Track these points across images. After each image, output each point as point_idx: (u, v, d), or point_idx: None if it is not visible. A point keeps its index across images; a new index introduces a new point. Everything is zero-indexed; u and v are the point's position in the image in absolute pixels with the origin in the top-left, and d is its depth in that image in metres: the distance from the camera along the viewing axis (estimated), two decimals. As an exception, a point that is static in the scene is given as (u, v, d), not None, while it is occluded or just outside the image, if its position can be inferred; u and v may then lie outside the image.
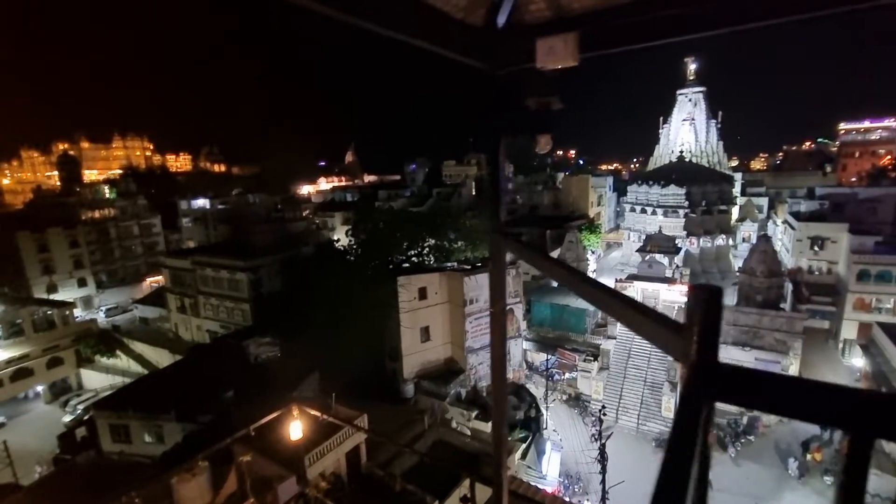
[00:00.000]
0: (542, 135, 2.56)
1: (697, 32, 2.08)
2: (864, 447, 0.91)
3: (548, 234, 44.89)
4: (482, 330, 29.00)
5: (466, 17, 2.52)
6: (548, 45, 2.30)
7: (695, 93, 53.23)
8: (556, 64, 2.34)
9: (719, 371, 1.12)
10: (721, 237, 45.46)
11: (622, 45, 2.33)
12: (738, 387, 1.10)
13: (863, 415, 0.93)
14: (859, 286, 35.14)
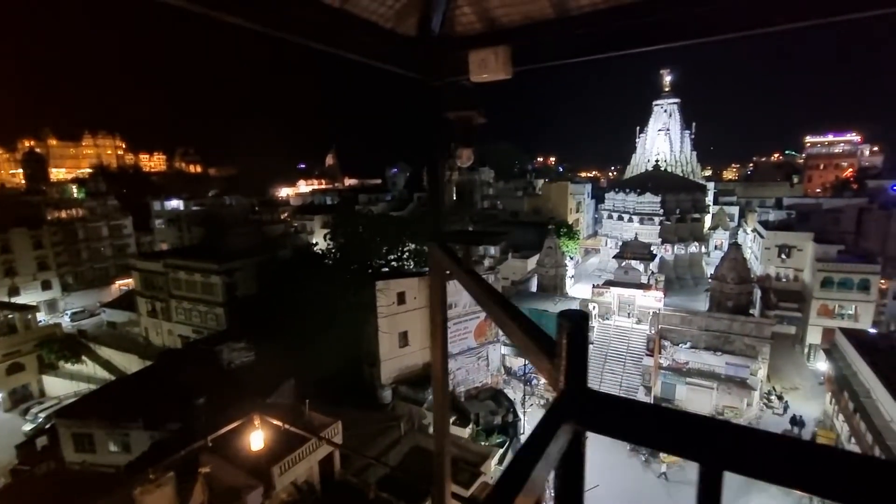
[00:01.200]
0: (464, 148, 2.57)
1: (626, 49, 2.14)
2: (715, 478, 0.94)
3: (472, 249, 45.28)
4: (461, 334, 29.03)
5: (397, 27, 2.53)
6: (480, 57, 2.33)
7: (670, 104, 54.74)
8: (489, 77, 2.36)
9: (586, 399, 1.14)
10: (694, 244, 46.69)
11: (553, 59, 2.38)
12: (604, 415, 1.12)
13: (713, 447, 0.96)
14: (823, 293, 36.55)
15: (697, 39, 1.97)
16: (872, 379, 24.54)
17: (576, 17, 2.14)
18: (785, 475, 0.89)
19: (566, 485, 1.11)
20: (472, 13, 2.45)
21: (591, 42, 2.22)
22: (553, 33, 2.27)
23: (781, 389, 32.67)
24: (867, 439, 22.67)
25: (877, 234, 44.38)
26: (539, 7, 2.21)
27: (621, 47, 2.13)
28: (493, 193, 69.73)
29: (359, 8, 2.36)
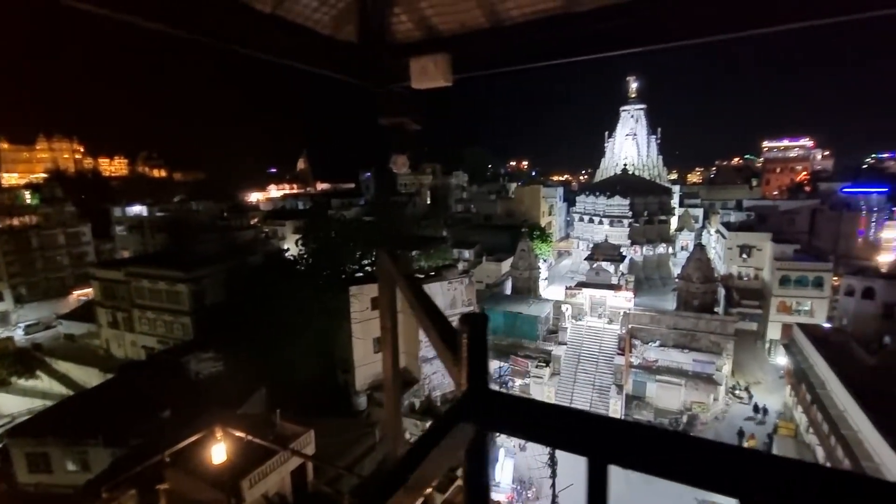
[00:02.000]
0: (399, 154, 2.59)
1: (558, 58, 2.22)
2: (601, 471, 1.00)
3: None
4: (436, 339, 28.98)
5: (336, 34, 2.54)
6: (420, 65, 2.36)
7: (636, 110, 56.43)
8: (430, 84, 2.40)
9: (486, 398, 1.17)
10: (662, 246, 48.15)
11: (491, 67, 2.45)
12: (501, 414, 1.17)
13: (598, 442, 1.02)
14: (781, 290, 38.29)
15: (624, 50, 2.07)
16: (827, 371, 25.84)
17: (509, 28, 2.22)
18: (664, 468, 0.95)
19: (470, 481, 1.15)
20: (409, 21, 2.48)
21: (525, 51, 2.30)
22: (489, 42, 2.34)
23: (745, 384, 33.98)
24: (824, 428, 23.82)
25: (828, 234, 46.92)
26: (473, 16, 2.28)
27: (553, 56, 2.22)
28: (467, 197, 70.13)
29: (292, 13, 2.35)
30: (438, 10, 2.38)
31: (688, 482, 0.96)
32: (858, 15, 1.85)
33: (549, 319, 36.22)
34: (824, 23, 1.82)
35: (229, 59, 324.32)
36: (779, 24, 1.71)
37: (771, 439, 27.45)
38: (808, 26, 1.82)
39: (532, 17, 2.15)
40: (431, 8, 2.37)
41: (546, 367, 33.00)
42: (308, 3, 2.37)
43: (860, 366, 25.98)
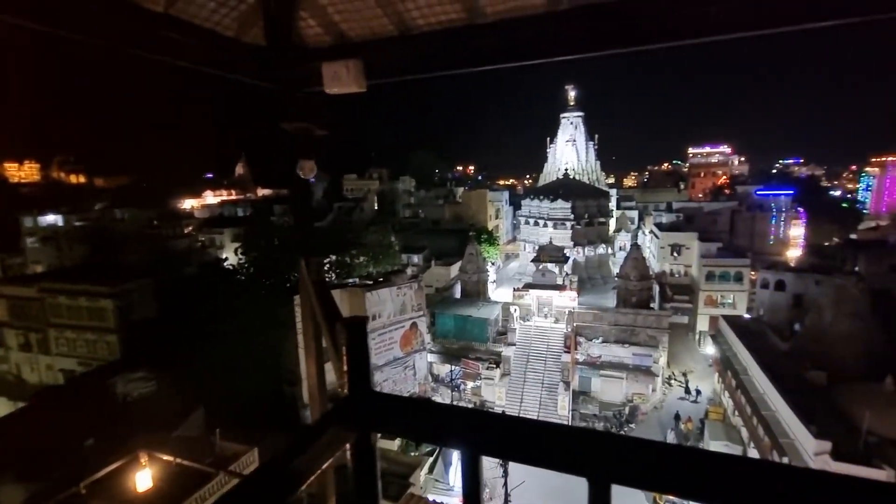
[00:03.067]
0: (305, 160, 2.56)
1: (471, 67, 2.33)
2: (474, 462, 1.09)
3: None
4: (387, 345, 28.58)
5: (242, 36, 2.49)
6: (333, 70, 2.37)
7: (575, 117, 59.08)
8: (343, 89, 2.41)
9: (369, 400, 1.21)
10: (602, 246, 50.57)
11: (403, 74, 2.51)
12: (381, 415, 1.21)
13: (469, 435, 1.09)
14: (708, 285, 41.47)
15: (525, 62, 2.19)
16: (748, 358, 28.23)
17: (417, 36, 2.28)
18: (530, 456, 1.03)
19: (358, 480, 1.18)
20: (318, 26, 2.47)
21: (433, 60, 2.39)
22: (399, 50, 2.39)
23: (680, 373, 36.40)
24: (747, 410, 25.97)
25: (745, 233, 51.47)
26: (382, 24, 2.32)
27: (460, 65, 2.31)
28: (414, 202, 70.06)
29: (187, 14, 2.24)
30: (346, 16, 2.38)
31: (542, 465, 1.04)
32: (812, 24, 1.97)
33: (498, 321, 36.89)
34: (749, 35, 1.97)
35: (156, 60, 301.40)
36: (638, 45, 1.86)
37: (703, 424, 29.53)
38: (707, 41, 1.97)
39: (437, 27, 2.21)
40: (339, 14, 2.37)
41: (496, 369, 33.56)
42: (204, 3, 2.27)
43: (775, 351, 28.66)
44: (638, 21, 1.72)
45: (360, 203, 65.10)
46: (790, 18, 1.74)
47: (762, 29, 1.83)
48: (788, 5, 1.73)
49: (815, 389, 23.74)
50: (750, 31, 1.82)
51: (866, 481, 0.94)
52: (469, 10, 2.06)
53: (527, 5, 1.95)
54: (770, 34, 1.79)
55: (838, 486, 0.95)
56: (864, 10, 1.76)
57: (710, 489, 0.96)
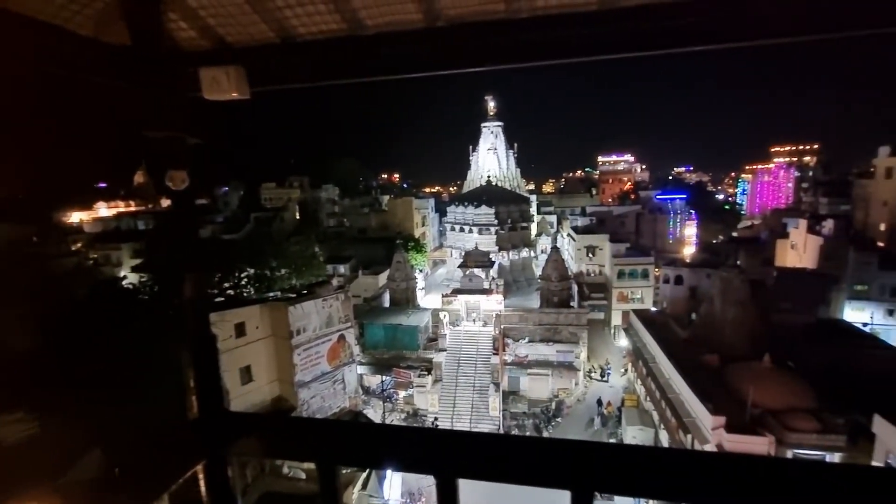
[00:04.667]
0: (176, 171, 2.41)
1: (355, 78, 2.35)
2: (330, 475, 1.06)
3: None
4: (313, 360, 27.38)
5: (102, 36, 2.27)
6: (211, 75, 2.23)
7: (495, 126, 61.34)
8: (223, 96, 2.29)
9: (220, 422, 1.16)
10: (525, 250, 52.81)
11: (290, 82, 2.47)
12: (235, 436, 1.17)
13: (325, 447, 1.09)
14: (619, 283, 44.95)
15: (410, 74, 2.25)
16: (655, 347, 30.93)
17: (300, 45, 2.23)
18: (373, 461, 1.04)
19: (211, 500, 1.11)
20: (190, 29, 2.30)
21: (318, 69, 2.31)
22: (282, 57, 2.32)
23: (599, 366, 38.95)
24: (656, 395, 28.40)
25: (649, 233, 56.67)
26: (261, 30, 2.23)
27: (344, 76, 2.31)
28: (339, 211, 68.27)
29: (25, 7, 1.95)
30: (221, 21, 2.23)
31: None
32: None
33: (428, 328, 36.94)
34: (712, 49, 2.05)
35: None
36: (572, 57, 1.97)
37: (620, 411, 31.81)
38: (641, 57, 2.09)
39: (320, 36, 2.17)
40: (213, 18, 2.21)
41: (428, 376, 33.51)
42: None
43: (677, 339, 31.73)
44: (520, 37, 1.81)
45: (279, 213, 61.98)
46: (696, 39, 1.86)
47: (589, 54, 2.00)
48: (692, 26, 1.82)
49: (710, 371, 26.60)
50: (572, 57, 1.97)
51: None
52: (350, 21, 2.04)
53: (405, 20, 1.98)
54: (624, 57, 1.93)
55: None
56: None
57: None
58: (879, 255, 39.86)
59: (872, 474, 1.05)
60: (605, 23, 1.61)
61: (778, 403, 22.64)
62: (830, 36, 1.64)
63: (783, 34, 1.58)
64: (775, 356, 25.82)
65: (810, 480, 0.99)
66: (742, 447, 20.72)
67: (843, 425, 21.75)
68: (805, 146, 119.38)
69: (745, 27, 1.56)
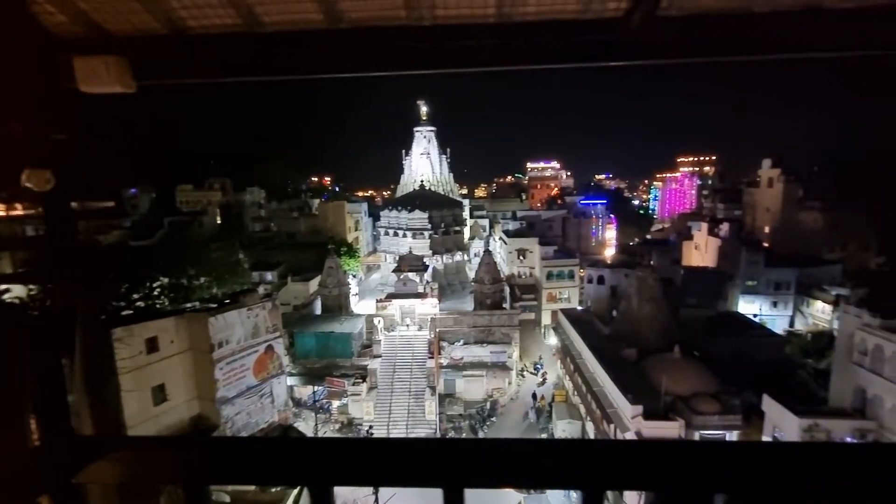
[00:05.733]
0: (35, 169, 2.19)
1: (251, 76, 2.27)
2: (198, 497, 1.03)
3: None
4: (238, 373, 25.70)
5: None
6: (89, 66, 2.04)
7: (428, 131, 61.81)
8: (104, 89, 2.10)
9: (66, 447, 1.02)
10: (458, 253, 53.61)
11: (181, 77, 2.32)
12: (86, 461, 1.05)
13: (196, 467, 1.02)
14: (548, 284, 47.04)
15: (307, 75, 2.19)
16: (581, 344, 32.71)
17: (192, 38, 2.08)
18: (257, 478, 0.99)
19: None
20: (60, 14, 2.07)
21: (212, 64, 2.17)
22: (171, 51, 2.15)
23: (531, 364, 40.43)
24: (583, 389, 30.03)
25: (574, 236, 59.94)
26: (144, 20, 2.05)
27: (240, 73, 2.20)
28: (265, 215, 64.93)
29: None
30: (95, 6, 2.00)
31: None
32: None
33: (362, 334, 36.19)
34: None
35: None
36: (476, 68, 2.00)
37: (551, 407, 33.23)
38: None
39: (213, 30, 2.03)
40: (85, 3, 1.98)
41: (363, 383, 32.80)
42: None
43: (600, 336, 33.81)
44: (421, 44, 1.81)
45: (198, 217, 57.64)
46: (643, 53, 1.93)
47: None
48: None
49: (629, 364, 28.64)
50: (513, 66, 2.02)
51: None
52: (245, 17, 1.91)
53: (306, 20, 1.91)
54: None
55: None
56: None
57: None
58: (765, 254, 45.35)
59: None
60: (503, 35, 1.65)
61: (686, 390, 24.90)
62: (708, 60, 1.82)
63: (663, 56, 1.72)
64: (683, 347, 28.41)
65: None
66: (657, 432, 22.49)
67: (739, 406, 24.40)
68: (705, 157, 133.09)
69: (627, 48, 1.67)
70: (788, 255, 46.01)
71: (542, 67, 1.73)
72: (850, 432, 22.21)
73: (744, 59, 1.70)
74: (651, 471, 0.99)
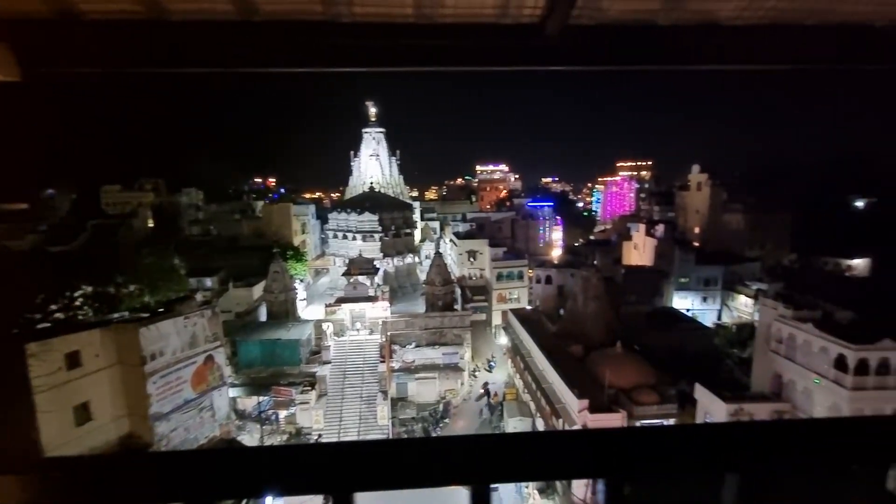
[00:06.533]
0: None
1: (155, 68, 2.15)
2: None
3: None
4: (173, 388, 24.10)
5: None
6: None
7: (377, 132, 61.06)
8: None
9: None
10: (409, 256, 53.31)
11: (80, 66, 2.14)
12: None
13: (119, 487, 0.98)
14: (498, 285, 47.90)
15: (210, 69, 2.07)
16: (530, 342, 33.58)
17: (87, 24, 1.92)
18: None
19: None
20: None
21: (111, 54, 1.99)
22: (64, 38, 1.97)
23: (482, 364, 40.96)
24: (533, 387, 30.81)
25: (523, 237, 61.48)
26: (31, 3, 1.87)
27: (142, 64, 2.05)
28: (204, 218, 61.47)
29: None
30: None
31: None
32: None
33: (311, 341, 35.10)
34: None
35: None
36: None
37: (501, 405, 33.81)
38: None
39: (111, 17, 1.87)
40: None
41: (312, 391, 31.80)
42: None
43: (548, 334, 34.88)
44: (338, 41, 1.74)
45: (126, 220, 53.50)
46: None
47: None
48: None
49: (576, 360, 29.75)
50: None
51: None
52: (146, 4, 1.75)
53: (215, 10, 1.78)
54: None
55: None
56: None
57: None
58: (696, 253, 48.77)
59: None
60: (422, 36, 1.63)
61: (628, 383, 26.24)
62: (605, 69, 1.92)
63: (577, 63, 1.78)
64: (625, 342, 29.94)
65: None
66: (601, 424, 23.50)
67: (675, 395, 26.05)
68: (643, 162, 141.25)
69: (544, 54, 1.72)
70: (716, 254, 49.78)
71: (462, 70, 1.73)
72: (768, 415, 24.33)
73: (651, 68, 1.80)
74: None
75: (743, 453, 1.00)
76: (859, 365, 22.12)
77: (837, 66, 1.90)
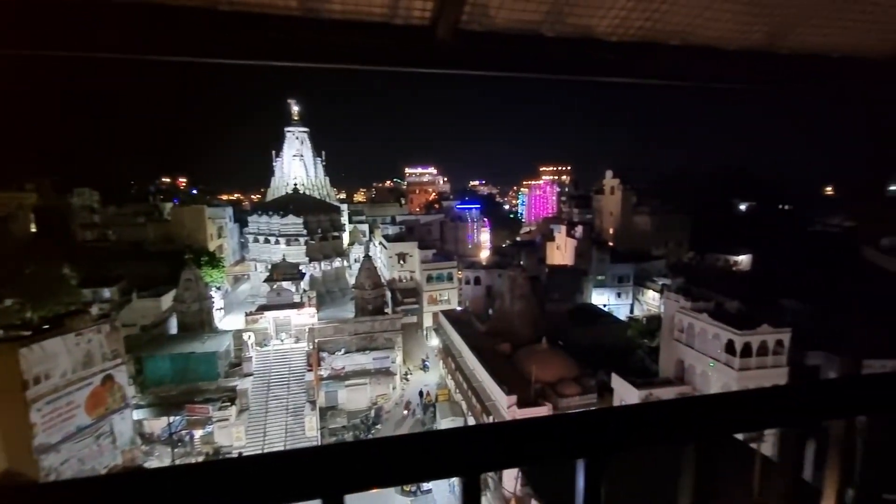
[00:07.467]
0: None
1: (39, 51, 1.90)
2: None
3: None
4: (64, 415, 21.30)
5: None
6: None
7: (301, 132, 58.75)
8: None
9: None
10: (337, 260, 51.85)
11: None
12: None
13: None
14: (429, 286, 48.10)
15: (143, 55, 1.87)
16: (460, 343, 34.11)
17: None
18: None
19: None
20: None
21: (47, 34, 1.74)
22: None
23: (414, 367, 40.84)
24: (464, 386, 31.30)
25: (452, 239, 62.36)
26: None
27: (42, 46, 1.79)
28: (100, 221, 55.11)
29: None
30: None
31: None
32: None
33: (230, 353, 32.78)
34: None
35: None
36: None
37: (434, 406, 33.97)
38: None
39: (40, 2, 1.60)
40: None
41: (232, 406, 29.67)
42: None
43: (477, 333, 35.67)
44: (211, 32, 1.63)
45: (3, 224, 46.46)
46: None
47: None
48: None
49: (504, 358, 30.70)
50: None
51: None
52: None
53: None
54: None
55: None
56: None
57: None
58: (611, 252, 52.60)
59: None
60: (308, 30, 1.56)
61: (553, 377, 27.58)
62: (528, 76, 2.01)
63: (467, 67, 1.83)
64: (550, 338, 31.44)
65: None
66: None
67: (595, 386, 27.84)
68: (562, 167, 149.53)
69: (435, 56, 1.74)
70: (628, 253, 54.08)
71: (351, 68, 1.69)
72: (673, 397, 26.84)
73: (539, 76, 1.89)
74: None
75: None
76: (744, 348, 25.16)
77: (700, 83, 2.14)
